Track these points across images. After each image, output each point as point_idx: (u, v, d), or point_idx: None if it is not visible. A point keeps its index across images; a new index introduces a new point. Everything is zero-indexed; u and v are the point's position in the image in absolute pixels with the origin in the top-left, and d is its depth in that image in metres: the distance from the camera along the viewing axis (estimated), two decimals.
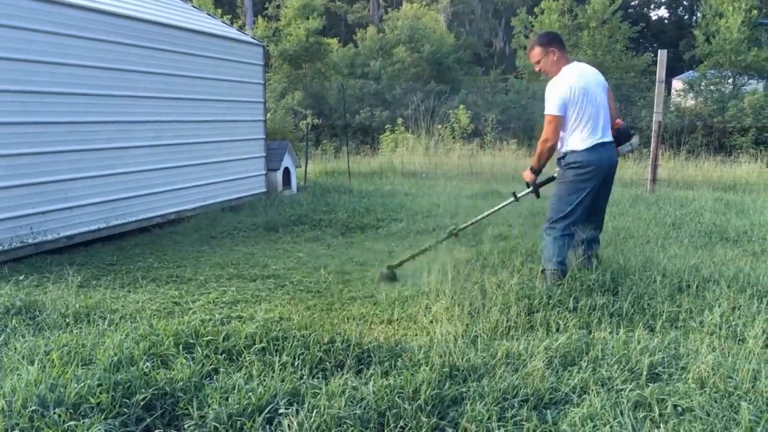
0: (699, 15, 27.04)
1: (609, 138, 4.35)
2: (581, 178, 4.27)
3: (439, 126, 16.62)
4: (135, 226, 6.67)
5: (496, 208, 4.70)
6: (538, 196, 4.63)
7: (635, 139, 4.69)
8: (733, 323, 3.58)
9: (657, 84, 10.10)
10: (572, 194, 4.29)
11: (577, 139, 4.27)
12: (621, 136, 4.53)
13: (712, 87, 19.75)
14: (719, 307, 3.78)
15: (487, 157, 14.65)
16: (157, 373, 2.83)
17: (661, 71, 9.96)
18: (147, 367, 2.88)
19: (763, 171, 12.75)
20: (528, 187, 4.64)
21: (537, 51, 4.41)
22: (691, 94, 19.95)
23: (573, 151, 4.29)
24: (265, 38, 20.60)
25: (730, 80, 20.13)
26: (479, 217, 4.68)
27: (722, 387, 2.76)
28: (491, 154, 15.06)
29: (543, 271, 4.36)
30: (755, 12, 21.41)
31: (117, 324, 3.59)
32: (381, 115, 19.57)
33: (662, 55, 10.01)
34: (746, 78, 20.32)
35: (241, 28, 12.54)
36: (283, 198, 8.92)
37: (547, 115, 4.28)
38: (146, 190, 6.78)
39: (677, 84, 21.65)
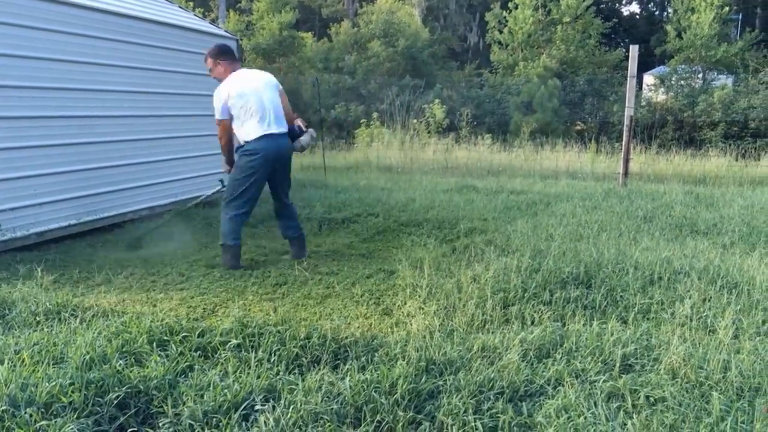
0: (670, 10, 27.43)
1: (277, 129, 5.04)
2: (252, 164, 4.96)
3: (415, 121, 16.66)
4: (107, 222, 6.57)
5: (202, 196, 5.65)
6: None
7: (306, 137, 5.38)
8: (704, 314, 3.65)
9: (629, 79, 10.23)
10: (245, 177, 4.99)
11: (244, 133, 5.01)
12: (293, 133, 5.31)
13: (682, 82, 20.07)
14: (690, 298, 3.85)
15: (462, 151, 14.72)
16: (131, 371, 2.80)
17: (632, 66, 10.09)
18: (120, 365, 2.85)
19: (732, 165, 13.00)
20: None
21: (209, 62, 5.22)
22: (662, 89, 20.26)
23: (244, 142, 5.03)
24: (237, 32, 20.41)
25: (700, 75, 20.47)
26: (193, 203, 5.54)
27: (693, 377, 2.81)
28: (466, 148, 15.14)
29: (221, 246, 5.14)
30: (726, 9, 21.79)
31: (89, 322, 3.54)
32: (356, 110, 19.53)
33: (634, 50, 10.14)
34: (716, 73, 20.68)
35: (213, 22, 12.40)
36: None
37: (215, 120, 5.15)
38: (118, 186, 6.68)
39: (648, 79, 21.96)
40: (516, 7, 23.32)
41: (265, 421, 2.43)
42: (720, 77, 20.53)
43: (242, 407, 2.54)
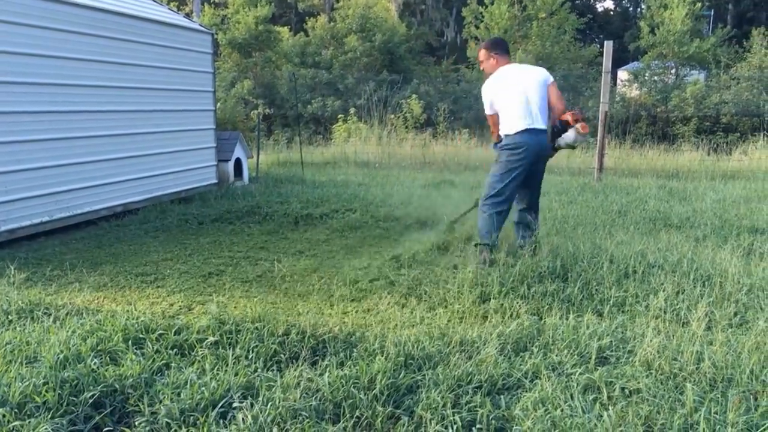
0: (644, 6, 27.75)
1: (539, 126, 4.73)
2: (514, 160, 4.68)
3: (392, 116, 16.65)
4: (80, 219, 6.47)
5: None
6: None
7: (570, 133, 4.87)
8: (678, 307, 3.70)
9: (603, 74, 10.32)
10: (507, 173, 4.70)
11: (508, 127, 4.74)
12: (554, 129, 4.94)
13: (655, 78, 20.32)
14: (664, 291, 3.90)
15: (440, 146, 14.75)
16: (106, 370, 2.76)
17: (607, 62, 10.18)
18: (95, 363, 2.81)
19: (704, 159, 13.21)
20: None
21: (481, 53, 5.02)
22: (636, 85, 20.49)
23: (506, 136, 4.77)
24: (213, 26, 20.19)
25: (673, 71, 20.74)
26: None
27: (667, 369, 2.85)
28: (444, 143, 15.18)
29: (476, 245, 4.75)
30: (698, 5, 22.10)
31: (63, 320, 3.48)
32: (333, 105, 19.46)
33: (608, 46, 10.23)
34: (688, 69, 20.97)
35: (188, 15, 12.26)
36: (234, 189, 8.80)
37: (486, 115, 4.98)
38: (91, 182, 6.58)
39: (622, 74, 22.18)
40: (492, 3, 23.39)
41: (243, 419, 2.42)
42: (692, 73, 20.83)
43: (220, 405, 2.52)
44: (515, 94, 4.76)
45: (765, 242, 5.34)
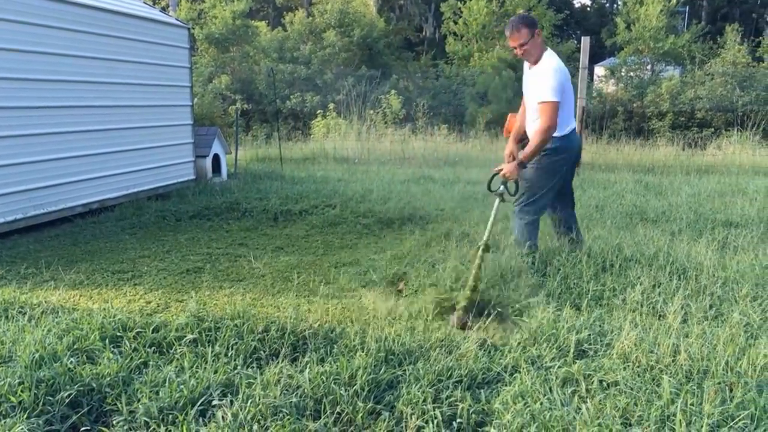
0: (620, 2, 28.01)
1: (575, 124, 4.43)
2: (557, 164, 4.32)
3: (371, 111, 16.63)
4: (55, 216, 6.37)
5: (493, 213, 4.03)
6: (515, 193, 4.35)
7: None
8: (654, 300, 3.75)
9: (580, 70, 10.40)
10: (548, 179, 4.33)
11: (560, 125, 4.20)
12: None
13: (631, 73, 20.54)
14: (640, 285, 3.95)
15: (419, 142, 14.77)
16: (83, 369, 2.73)
17: (584, 58, 10.26)
18: (71, 363, 2.78)
19: (680, 154, 13.39)
20: (501, 184, 4.18)
21: (524, 32, 4.19)
22: (612, 80, 20.70)
23: (555, 137, 4.20)
24: (189, 20, 19.99)
25: (649, 67, 20.98)
26: (489, 226, 4.20)
27: (644, 361, 2.89)
28: (423, 139, 15.19)
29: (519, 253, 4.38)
30: (673, 1, 22.35)
31: (38, 319, 3.43)
32: (312, 101, 19.39)
33: (585, 42, 10.30)
34: (664, 65, 21.23)
35: (164, 10, 12.11)
36: (213, 185, 8.73)
37: (547, 102, 4.06)
38: (66, 179, 6.47)
39: (599, 70, 22.42)
40: None
41: (222, 416, 2.40)
42: (668, 68, 21.10)
43: (199, 403, 2.51)
44: (571, 90, 4.26)
45: (739, 236, 5.43)
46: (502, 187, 4.12)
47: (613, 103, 19.59)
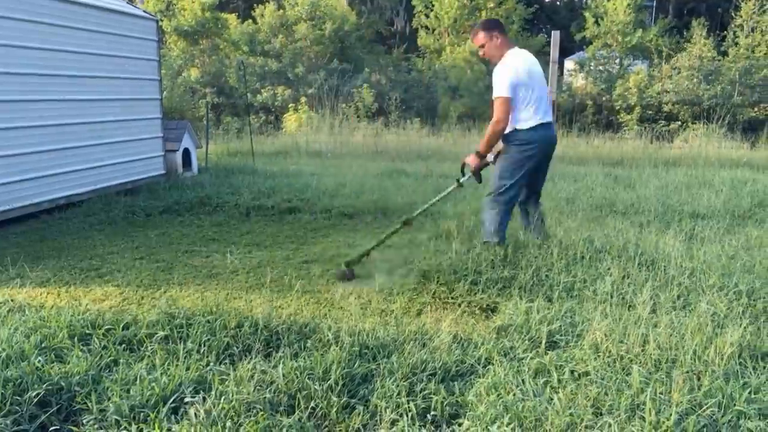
0: None
1: (550, 119, 4.53)
2: (525, 156, 4.41)
3: (344, 105, 16.57)
4: (21, 212, 6.22)
5: (442, 194, 4.50)
6: (480, 180, 4.62)
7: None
8: (624, 291, 3.80)
9: (551, 64, 10.47)
10: (517, 170, 4.42)
11: (522, 119, 4.39)
12: None
13: (600, 67, 20.78)
14: (610, 276, 4.00)
15: (392, 135, 14.78)
16: (51, 368, 2.68)
17: (554, 52, 10.33)
18: (39, 361, 2.72)
19: (647, 147, 13.60)
20: (469, 172, 4.57)
21: (481, 36, 4.48)
22: (582, 74, 20.92)
23: (518, 130, 4.40)
24: (157, 12, 19.66)
25: (618, 61, 21.24)
26: (427, 204, 4.51)
27: (615, 352, 2.93)
28: (395, 132, 15.20)
29: (485, 243, 4.47)
30: None
31: (4, 318, 3.35)
32: (284, 94, 19.24)
33: (555, 36, 10.37)
34: (632, 59, 21.51)
35: (131, 1, 11.90)
36: (184, 180, 8.62)
37: (497, 98, 4.31)
38: (32, 174, 6.33)
39: (569, 64, 22.63)
40: None
41: (195, 413, 2.38)
42: (636, 62, 21.38)
43: (171, 400, 2.48)
44: (539, 82, 4.45)
45: (706, 227, 5.53)
46: (467, 176, 4.42)
47: (582, 96, 19.81)
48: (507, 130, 4.44)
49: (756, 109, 18.15)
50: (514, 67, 4.33)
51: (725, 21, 23.80)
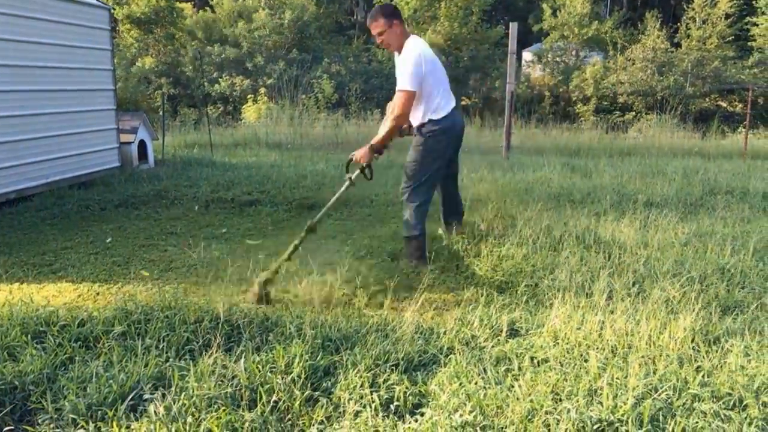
0: None
1: (455, 104, 4.47)
2: (442, 145, 4.35)
3: (303, 96, 16.43)
4: None
5: (337, 195, 4.22)
6: (371, 177, 4.36)
7: None
8: (581, 279, 3.88)
9: (509, 55, 10.60)
10: (434, 160, 4.34)
11: (434, 108, 4.29)
12: None
13: (557, 59, 21.08)
14: (568, 264, 4.08)
15: (352, 126, 14.74)
16: (4, 367, 2.60)
17: (512, 43, 10.45)
18: None
19: (603, 137, 13.87)
20: (357, 169, 4.30)
21: (381, 22, 4.25)
22: (539, 66, 21.19)
23: (432, 120, 4.29)
24: (109, 0, 19.12)
25: (574, 52, 21.58)
26: (325, 208, 4.34)
27: (573, 339, 2.99)
28: (356, 124, 15.16)
29: (407, 239, 4.41)
30: None
31: None
32: (242, 84, 18.98)
33: (513, 27, 10.48)
34: (588, 50, 21.87)
35: None
36: (139, 173, 8.43)
37: (402, 91, 4.16)
38: None
39: (527, 55, 22.87)
40: None
41: (154, 410, 2.34)
42: (592, 54, 21.75)
43: (129, 397, 2.43)
44: (442, 71, 4.36)
45: (660, 215, 5.67)
46: (357, 172, 4.22)
47: (540, 88, 20.07)
48: (419, 122, 4.34)
49: (707, 99, 18.68)
50: (423, 57, 4.17)
51: (678, 13, 24.38)
